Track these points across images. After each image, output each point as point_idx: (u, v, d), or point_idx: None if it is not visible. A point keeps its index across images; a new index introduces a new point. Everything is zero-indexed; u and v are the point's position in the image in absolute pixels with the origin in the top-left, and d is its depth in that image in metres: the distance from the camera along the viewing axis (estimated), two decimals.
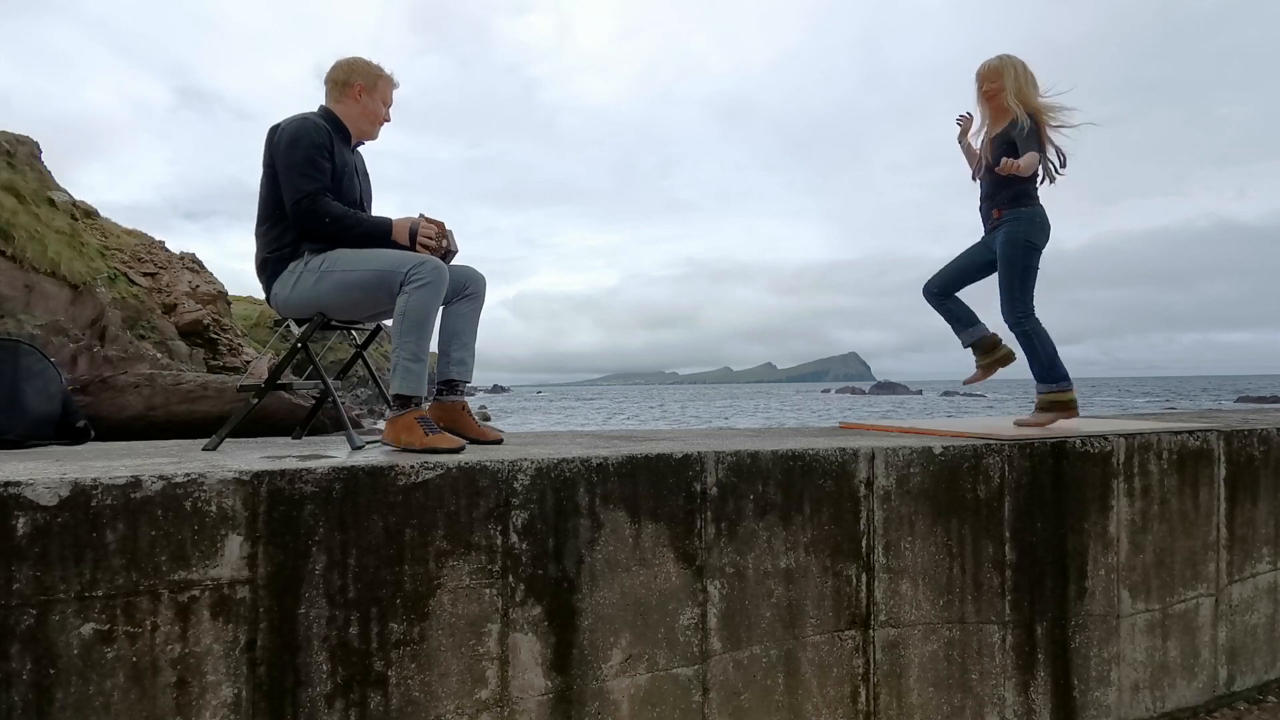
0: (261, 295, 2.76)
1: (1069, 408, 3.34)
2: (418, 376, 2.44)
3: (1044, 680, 2.85)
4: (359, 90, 2.73)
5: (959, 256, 3.60)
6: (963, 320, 3.57)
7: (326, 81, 2.76)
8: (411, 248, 2.57)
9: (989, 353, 3.53)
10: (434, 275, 2.44)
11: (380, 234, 2.58)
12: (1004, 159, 3.27)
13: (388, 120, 2.83)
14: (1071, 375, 3.37)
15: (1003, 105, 3.40)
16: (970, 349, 3.58)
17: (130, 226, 23.16)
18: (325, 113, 2.71)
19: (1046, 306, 3.44)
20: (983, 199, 3.58)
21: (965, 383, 3.57)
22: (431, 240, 2.58)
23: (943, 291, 3.59)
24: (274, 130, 2.61)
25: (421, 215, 2.62)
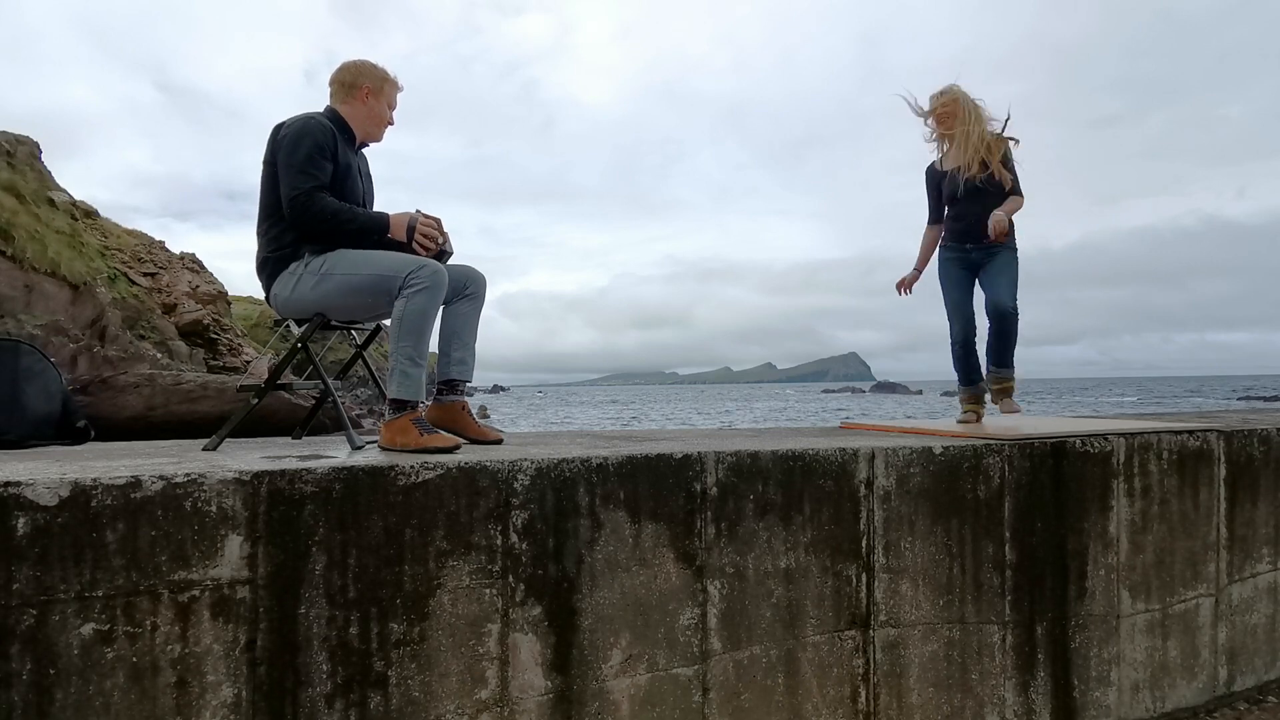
0: (261, 295, 2.76)
1: (1012, 392, 3.69)
2: (415, 381, 2.44)
3: (1044, 680, 2.85)
4: (366, 93, 2.73)
5: (953, 294, 3.70)
6: (973, 376, 3.75)
7: (332, 83, 2.75)
8: (409, 243, 2.56)
9: (979, 402, 3.76)
10: (433, 280, 2.44)
11: (377, 229, 2.57)
12: (995, 222, 3.45)
13: (391, 124, 2.83)
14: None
15: (964, 134, 3.56)
16: (966, 399, 3.74)
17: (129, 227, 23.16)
18: (331, 113, 2.71)
19: (1038, 306, 3.57)
20: (976, 216, 3.60)
21: (959, 422, 3.68)
22: (429, 237, 2.57)
23: (973, 340, 3.71)
24: (278, 128, 2.60)
25: (419, 211, 2.61)
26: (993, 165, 3.49)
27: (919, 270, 3.85)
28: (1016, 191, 3.56)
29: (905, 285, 3.84)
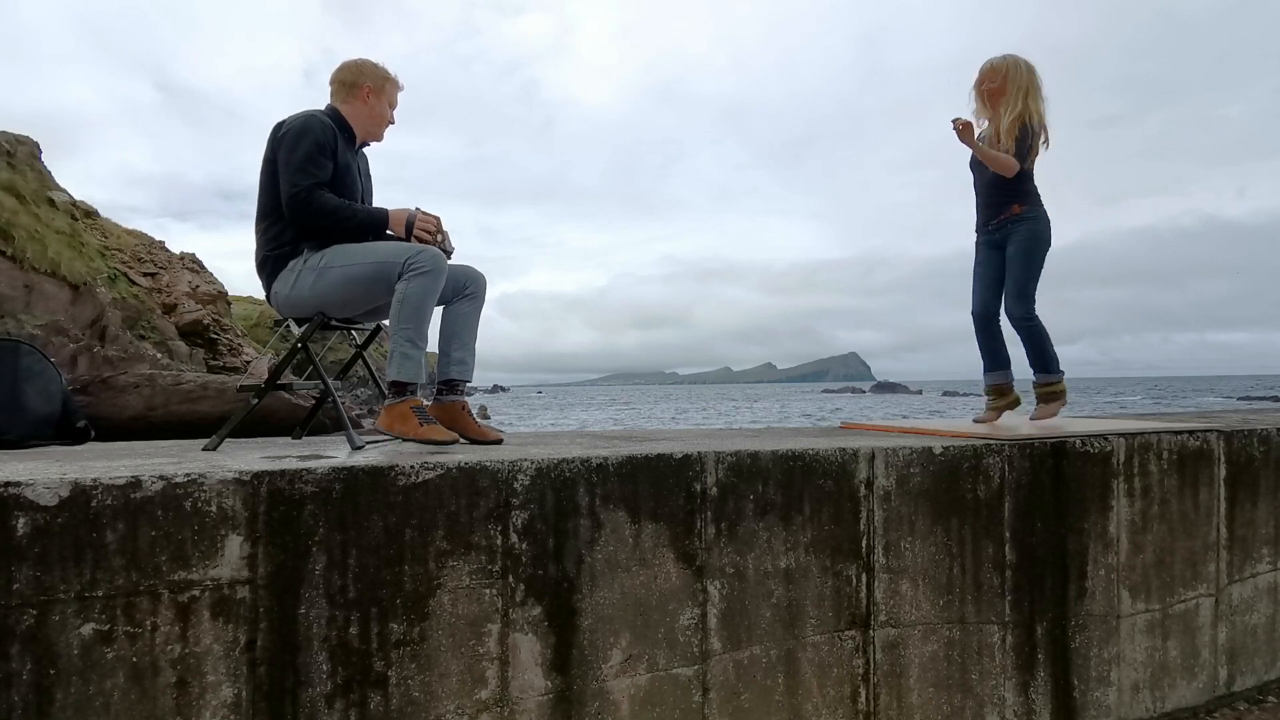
0: (261, 295, 2.77)
1: (1063, 395, 3.59)
2: (415, 363, 2.44)
3: (1044, 680, 2.85)
4: (367, 92, 2.73)
5: (982, 272, 3.64)
6: (999, 360, 3.67)
7: (333, 82, 2.75)
8: (407, 239, 2.57)
9: (1004, 396, 3.67)
10: (433, 264, 2.45)
11: (376, 225, 2.58)
12: (960, 121, 3.33)
13: (392, 123, 2.84)
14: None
15: (1000, 108, 3.45)
16: (988, 389, 3.67)
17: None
18: (331, 112, 2.71)
19: (1037, 306, 3.53)
20: (989, 190, 3.57)
21: (976, 421, 3.62)
22: (429, 232, 2.58)
23: (993, 315, 3.64)
24: (279, 126, 2.61)
25: (418, 208, 2.62)
26: (1003, 141, 3.39)
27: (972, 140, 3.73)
28: (1017, 155, 3.38)
29: (962, 122, 3.69)
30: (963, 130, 3.34)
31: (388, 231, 2.62)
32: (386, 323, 2.65)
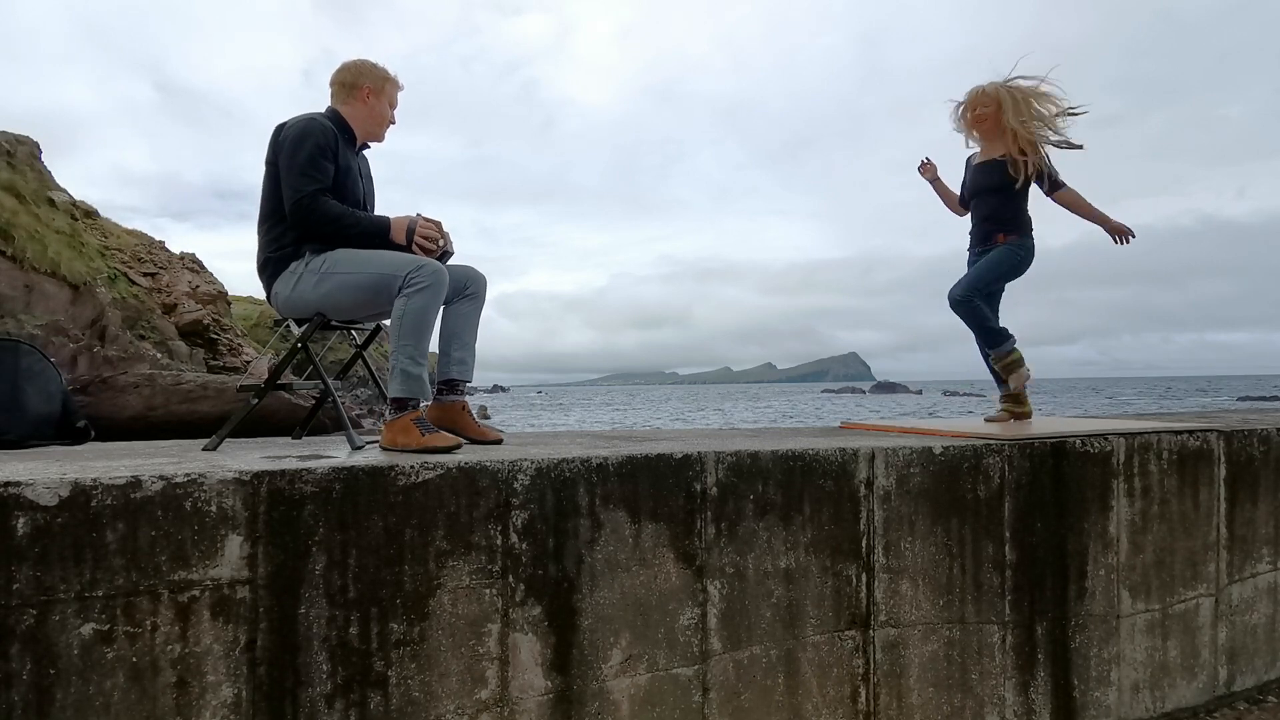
0: (261, 295, 2.77)
1: (1022, 362, 3.57)
2: (416, 380, 2.44)
3: (1044, 680, 2.85)
4: (367, 93, 2.73)
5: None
6: (997, 335, 3.66)
7: (333, 83, 2.75)
8: (409, 246, 2.57)
9: (1010, 402, 3.63)
10: (433, 279, 2.44)
11: (379, 233, 2.58)
12: (1120, 228, 3.49)
13: (393, 123, 2.84)
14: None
15: (1000, 130, 3.49)
16: (1000, 366, 3.65)
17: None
18: (332, 114, 2.71)
19: (1035, 306, 3.55)
20: (979, 221, 3.63)
21: (988, 420, 3.62)
22: (430, 239, 2.58)
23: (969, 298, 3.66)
24: (279, 129, 2.61)
25: (419, 215, 2.62)
26: (1025, 160, 3.42)
27: (937, 182, 3.83)
28: (1059, 185, 3.50)
29: (927, 166, 3.84)
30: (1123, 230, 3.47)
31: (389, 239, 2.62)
32: (387, 323, 2.65)
